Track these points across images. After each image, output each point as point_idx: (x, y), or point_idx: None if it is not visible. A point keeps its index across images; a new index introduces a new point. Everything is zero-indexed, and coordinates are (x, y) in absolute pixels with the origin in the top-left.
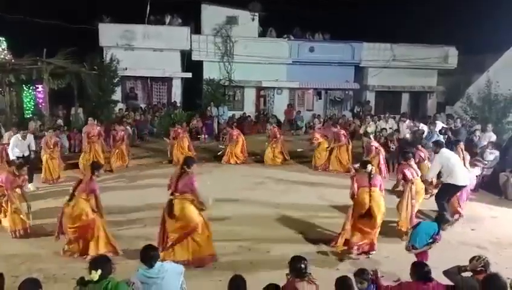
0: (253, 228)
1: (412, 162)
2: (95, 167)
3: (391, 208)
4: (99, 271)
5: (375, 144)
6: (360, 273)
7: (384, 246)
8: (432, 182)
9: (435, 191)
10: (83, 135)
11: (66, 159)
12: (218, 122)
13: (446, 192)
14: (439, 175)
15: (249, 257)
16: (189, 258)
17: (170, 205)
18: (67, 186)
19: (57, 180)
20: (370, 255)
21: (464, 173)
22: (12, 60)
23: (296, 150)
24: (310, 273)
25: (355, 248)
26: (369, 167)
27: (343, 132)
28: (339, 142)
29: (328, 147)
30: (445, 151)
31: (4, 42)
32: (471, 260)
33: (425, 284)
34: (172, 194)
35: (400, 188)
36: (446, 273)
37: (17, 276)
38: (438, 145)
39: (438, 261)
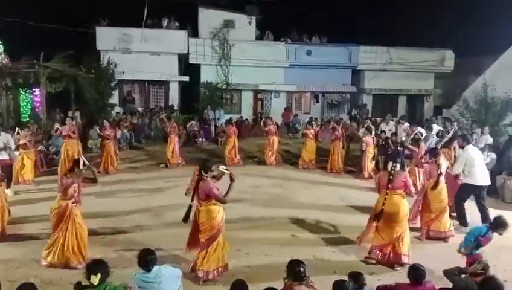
0: (249, 231)
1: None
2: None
3: None
4: (99, 275)
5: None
6: (355, 278)
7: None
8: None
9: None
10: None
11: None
12: (216, 126)
13: (465, 192)
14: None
15: (246, 261)
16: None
17: (197, 212)
18: None
19: None
20: (396, 269)
21: (484, 173)
22: (10, 64)
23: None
24: (309, 277)
25: (375, 250)
26: (389, 165)
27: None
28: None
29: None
30: (470, 147)
31: (1, 46)
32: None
33: (420, 286)
34: (192, 199)
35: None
36: (446, 273)
37: (13, 281)
38: (465, 140)
39: (437, 263)
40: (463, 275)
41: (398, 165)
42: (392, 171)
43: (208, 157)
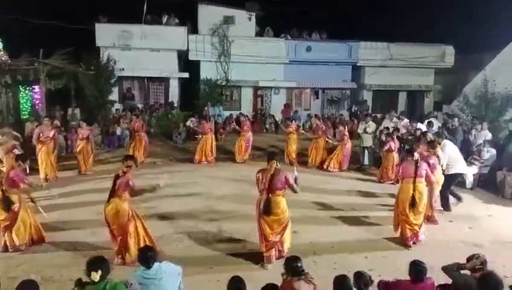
0: (248, 226)
1: (439, 152)
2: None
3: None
4: (100, 272)
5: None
6: (359, 278)
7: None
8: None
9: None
10: (34, 134)
11: (64, 159)
12: (216, 122)
13: (450, 182)
14: None
15: (245, 256)
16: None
17: (267, 202)
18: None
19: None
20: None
21: (462, 161)
22: (9, 61)
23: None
24: (308, 273)
25: (409, 239)
26: (416, 154)
27: (347, 132)
28: (342, 141)
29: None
30: (447, 142)
31: (0, 43)
32: (469, 259)
33: (421, 282)
34: (260, 192)
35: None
36: (445, 269)
37: (14, 277)
38: (439, 136)
39: (437, 260)
40: (462, 271)
41: (417, 156)
42: (417, 161)
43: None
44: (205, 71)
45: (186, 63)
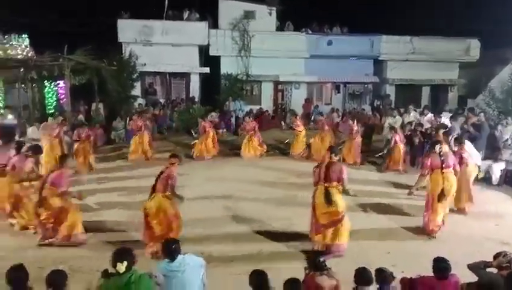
0: (271, 221)
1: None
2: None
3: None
4: (125, 263)
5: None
6: (380, 274)
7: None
8: None
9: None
10: (41, 135)
11: None
12: (237, 117)
13: None
14: None
15: (268, 250)
16: (334, 242)
17: (327, 192)
18: None
19: None
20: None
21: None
22: (35, 57)
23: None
24: (330, 268)
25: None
26: (437, 147)
27: (356, 127)
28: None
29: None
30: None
31: (26, 39)
32: (496, 256)
33: (445, 279)
34: (316, 183)
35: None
36: (471, 267)
37: (42, 267)
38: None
39: (462, 257)
40: (488, 269)
41: (446, 147)
42: (441, 152)
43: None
44: (226, 66)
45: (207, 58)
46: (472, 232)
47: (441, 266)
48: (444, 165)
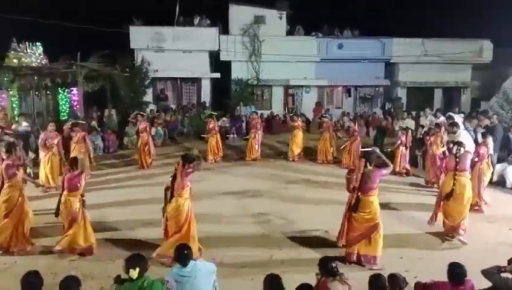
0: (282, 226)
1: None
2: None
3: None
4: (138, 269)
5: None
6: (392, 279)
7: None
8: None
9: None
10: (39, 142)
11: (101, 159)
12: (247, 122)
13: None
14: None
15: (279, 255)
16: (366, 253)
17: (357, 201)
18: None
19: None
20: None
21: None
22: (48, 64)
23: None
24: (343, 274)
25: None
26: (454, 147)
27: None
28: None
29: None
30: (462, 131)
31: (40, 47)
32: (510, 261)
33: (460, 285)
34: (352, 190)
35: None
36: (485, 272)
37: (55, 273)
38: (454, 125)
39: (476, 262)
40: (502, 274)
41: (462, 149)
42: (458, 154)
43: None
44: (236, 71)
45: (218, 63)
46: (486, 237)
47: (456, 271)
48: (457, 167)
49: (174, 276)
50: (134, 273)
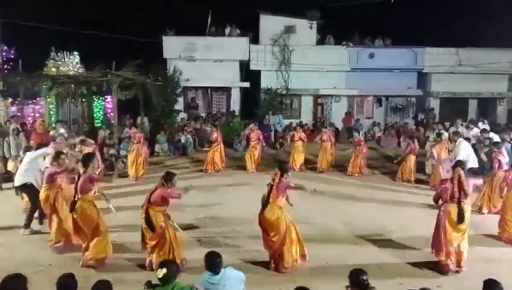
0: (311, 237)
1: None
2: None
3: None
4: (165, 270)
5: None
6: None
7: None
8: None
9: None
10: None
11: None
12: (276, 131)
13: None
14: None
15: (307, 265)
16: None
17: (461, 210)
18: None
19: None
20: None
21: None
22: (85, 73)
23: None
24: (374, 287)
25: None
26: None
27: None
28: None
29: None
30: (462, 140)
31: (77, 56)
32: None
33: None
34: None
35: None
36: None
37: (87, 277)
38: (457, 134)
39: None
40: None
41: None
42: None
43: None
44: (266, 80)
45: (248, 73)
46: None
47: (491, 288)
48: None
49: (204, 283)
50: (160, 272)
